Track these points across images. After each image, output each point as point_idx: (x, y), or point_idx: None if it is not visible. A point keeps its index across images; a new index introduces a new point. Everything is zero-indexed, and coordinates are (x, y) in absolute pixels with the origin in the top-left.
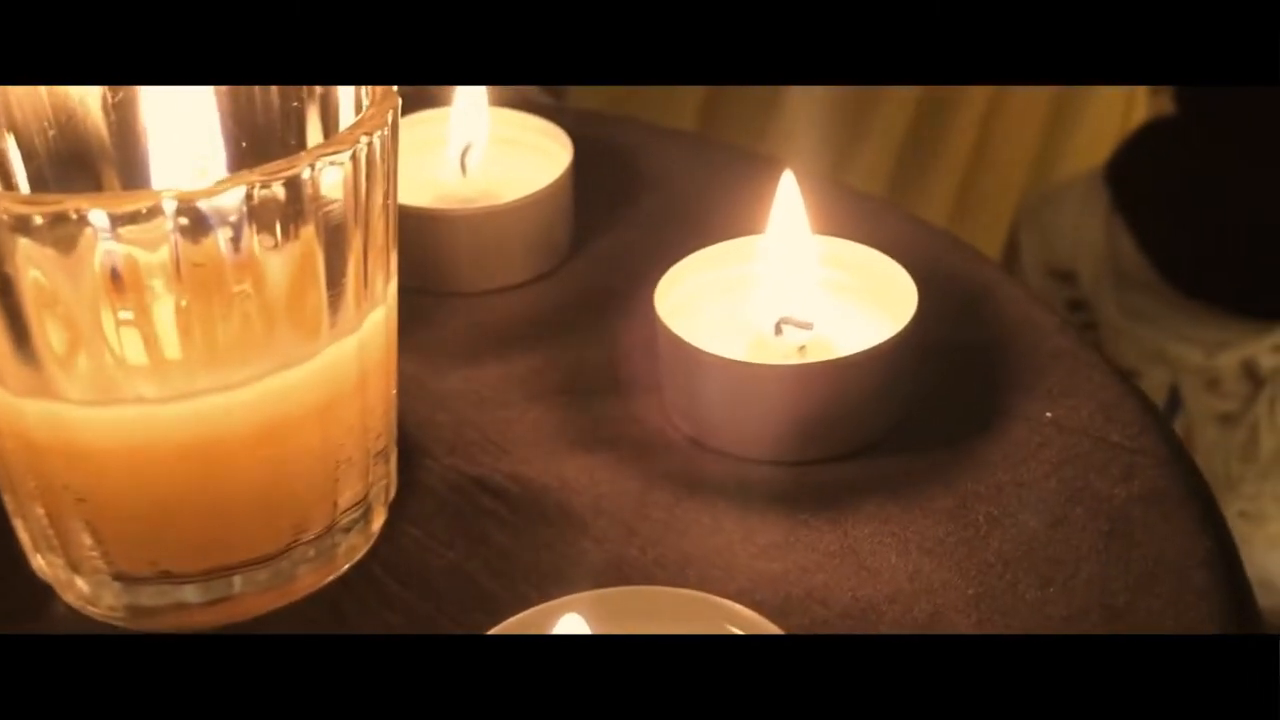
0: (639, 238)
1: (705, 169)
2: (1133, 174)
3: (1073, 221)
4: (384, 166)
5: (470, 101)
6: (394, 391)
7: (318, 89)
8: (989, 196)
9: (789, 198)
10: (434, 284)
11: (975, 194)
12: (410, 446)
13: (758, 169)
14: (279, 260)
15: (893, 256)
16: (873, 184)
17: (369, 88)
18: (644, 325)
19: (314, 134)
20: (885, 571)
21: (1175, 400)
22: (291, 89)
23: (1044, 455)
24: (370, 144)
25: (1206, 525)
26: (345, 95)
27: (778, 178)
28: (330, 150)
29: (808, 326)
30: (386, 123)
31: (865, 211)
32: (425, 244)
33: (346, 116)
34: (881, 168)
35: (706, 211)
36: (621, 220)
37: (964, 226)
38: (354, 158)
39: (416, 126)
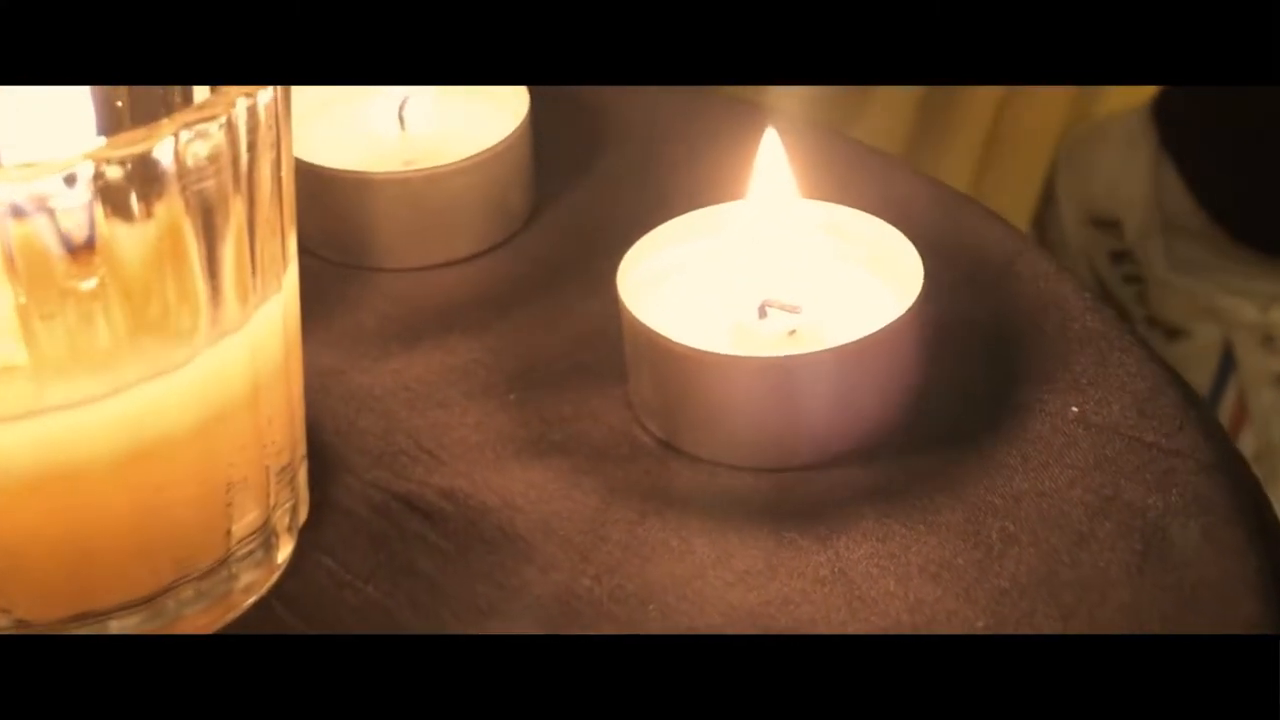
0: (606, 202)
1: (687, 120)
2: (1183, 109)
3: (1116, 164)
4: (271, 131)
5: None
6: (299, 396)
7: None
8: (1022, 136)
9: (773, 157)
10: (362, 258)
11: (1007, 133)
12: (326, 458)
13: (749, 120)
14: (138, 247)
15: (897, 222)
16: (891, 121)
17: None
18: (607, 307)
19: (201, 93)
20: (881, 601)
21: (1228, 361)
22: None
23: (1068, 458)
24: (252, 105)
25: (1257, 542)
26: None
27: (761, 124)
28: (198, 118)
29: (795, 310)
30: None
31: (867, 169)
32: (354, 213)
33: None
34: (901, 101)
35: (687, 170)
36: (588, 181)
37: (994, 170)
38: (228, 124)
39: None
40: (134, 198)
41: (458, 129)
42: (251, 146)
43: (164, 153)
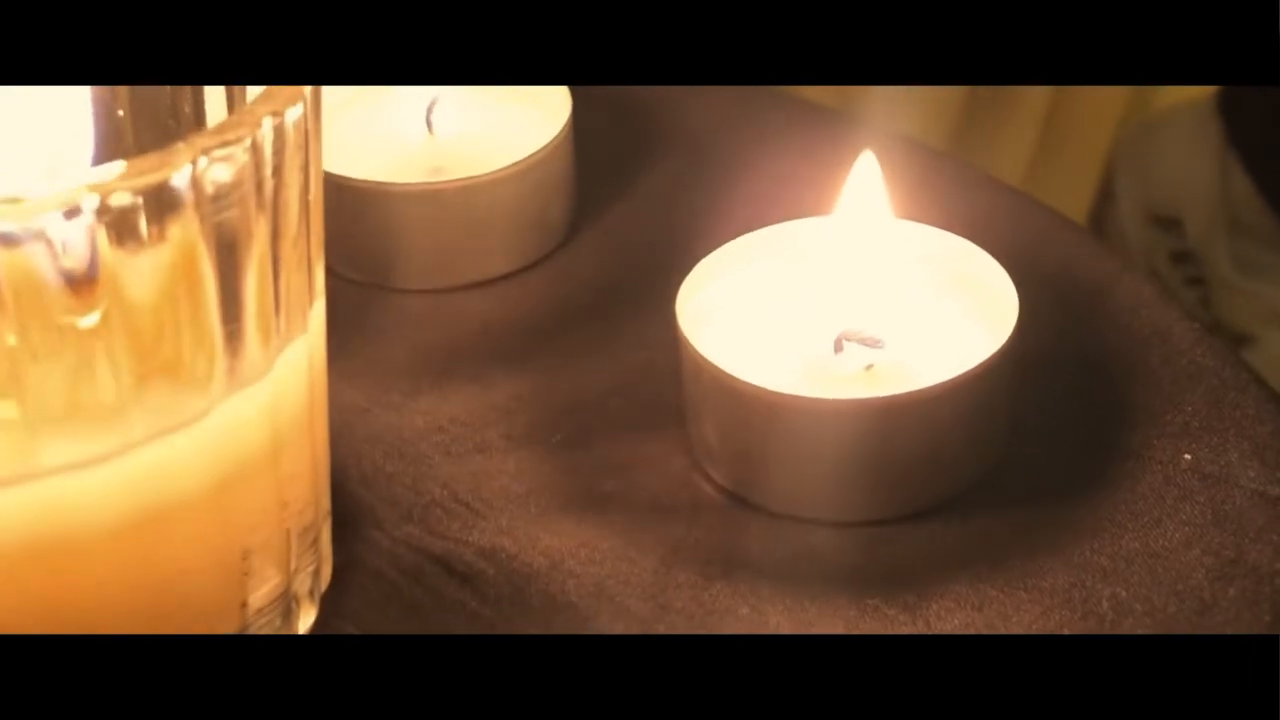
0: (656, 214)
1: (743, 121)
2: (1250, 103)
3: (1179, 160)
4: (300, 153)
5: None
6: (325, 446)
7: None
8: (1077, 130)
9: (869, 179)
10: (386, 277)
11: (1061, 127)
12: (351, 512)
13: (807, 120)
14: (147, 280)
15: (975, 240)
16: (937, 114)
17: None
18: (662, 333)
19: (214, 98)
20: None
21: None
22: None
23: (1183, 514)
24: (279, 124)
25: None
26: None
27: (831, 130)
28: (219, 141)
29: (876, 344)
30: (303, 94)
31: (935, 175)
32: (377, 228)
33: None
34: (948, 93)
35: (745, 178)
36: (636, 191)
37: (1047, 167)
38: (253, 146)
39: None
40: (143, 224)
41: (491, 133)
42: (278, 170)
43: (180, 180)
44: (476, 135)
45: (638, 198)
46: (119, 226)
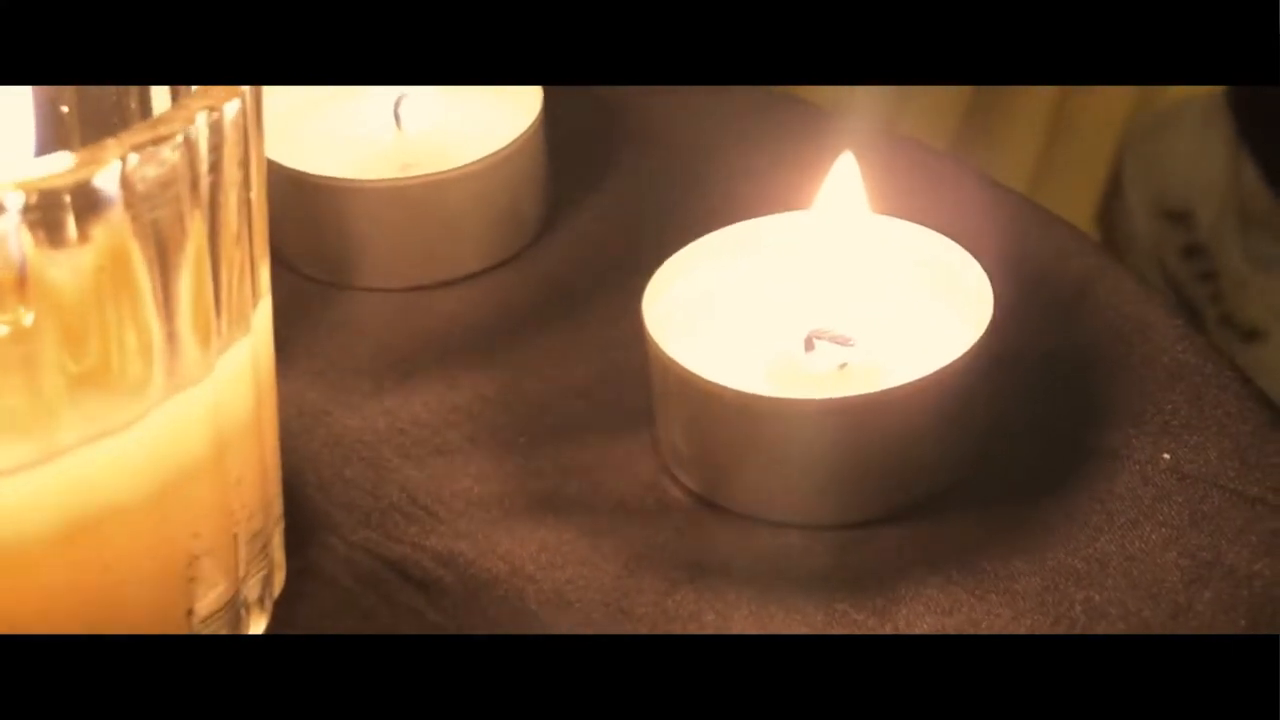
0: (630, 210)
1: (724, 117)
2: (1261, 95)
3: (1189, 151)
4: (239, 148)
5: None
6: (274, 449)
7: None
8: (1086, 122)
9: (847, 178)
10: (352, 276)
11: (1069, 119)
12: (306, 516)
13: (787, 115)
14: (77, 282)
15: (957, 234)
16: (942, 105)
17: None
18: (633, 333)
19: (161, 94)
20: None
21: None
22: None
23: (1160, 515)
24: (216, 119)
25: None
26: None
27: (813, 126)
28: (150, 138)
29: (847, 342)
30: (241, 90)
31: (920, 170)
32: (343, 225)
33: None
34: (953, 91)
35: (721, 174)
36: (611, 186)
37: (1055, 160)
38: (186, 143)
39: None
40: (71, 223)
41: (461, 128)
42: (215, 167)
43: (109, 178)
44: (446, 130)
45: (612, 193)
46: (46, 225)
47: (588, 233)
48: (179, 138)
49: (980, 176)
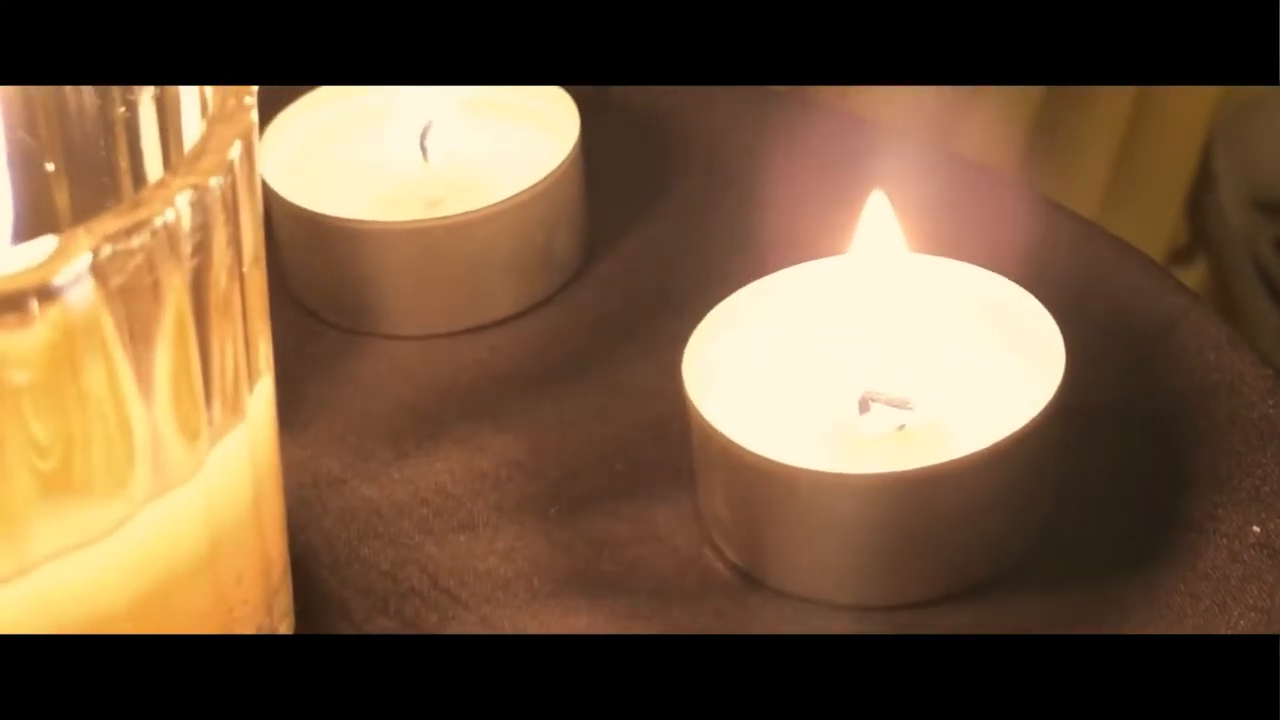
0: (677, 245)
1: (769, 136)
2: None
3: None
4: (228, 227)
5: None
6: (279, 538)
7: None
8: (1171, 106)
9: (880, 220)
10: (372, 322)
11: (1154, 103)
12: (318, 600)
13: (846, 134)
14: (45, 384)
15: (1025, 271)
16: (1015, 103)
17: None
18: (677, 384)
19: (150, 145)
20: None
21: None
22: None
23: (1250, 597)
24: (200, 197)
25: None
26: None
27: (870, 145)
28: (122, 226)
29: (905, 405)
30: (226, 161)
31: (974, 194)
32: (365, 270)
33: (190, 117)
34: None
35: (775, 200)
36: (653, 217)
37: (1140, 148)
38: (166, 227)
39: (352, 95)
40: (38, 317)
41: (492, 158)
42: (200, 247)
43: (78, 270)
44: (476, 161)
45: (654, 225)
46: (10, 320)
47: (627, 270)
48: (158, 221)
49: (1041, 200)
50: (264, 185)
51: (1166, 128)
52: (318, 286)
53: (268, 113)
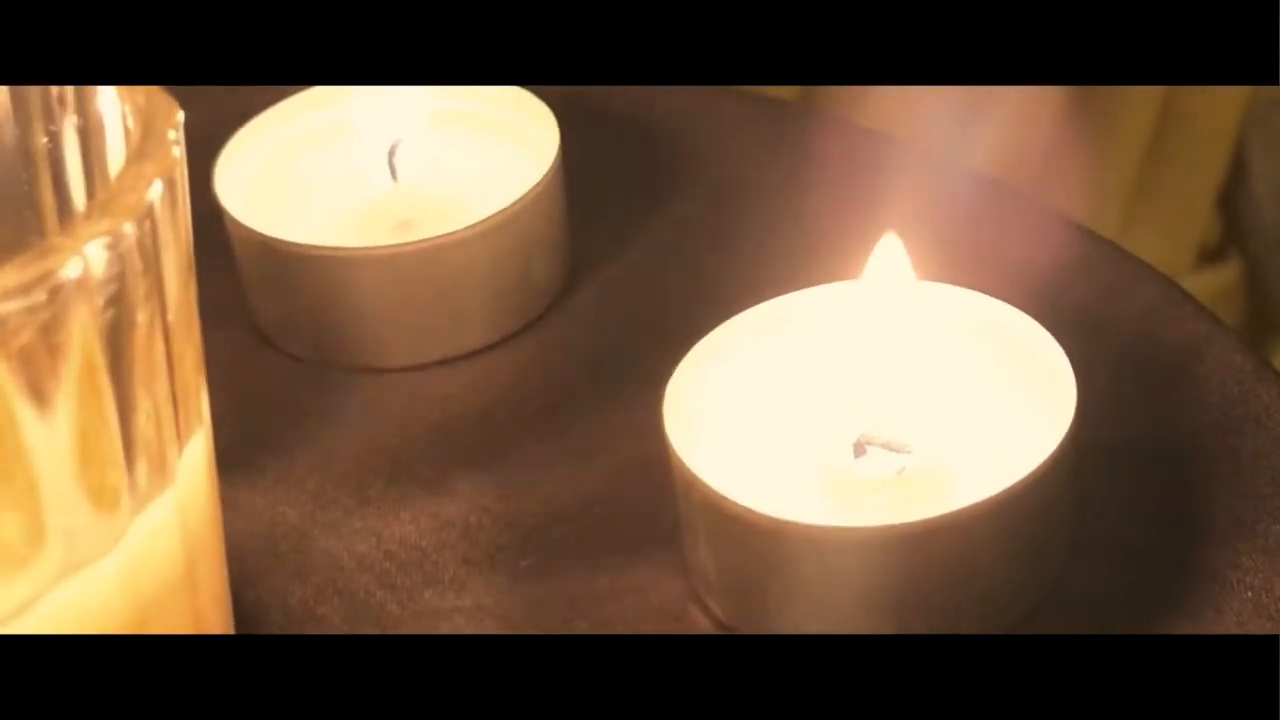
0: (665, 269)
1: (764, 147)
2: None
3: None
4: (149, 277)
5: None
6: (221, 605)
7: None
8: (1202, 98)
9: (890, 256)
10: (340, 356)
11: (1184, 96)
12: None
13: (851, 144)
14: None
15: (1035, 293)
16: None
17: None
18: (658, 428)
19: (75, 179)
20: None
21: None
22: (40, 110)
23: None
24: (117, 247)
25: None
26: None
27: (879, 157)
28: (24, 281)
29: (903, 449)
30: (144, 204)
31: (992, 212)
32: (329, 299)
33: (116, 149)
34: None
35: (771, 217)
36: (639, 239)
37: (1171, 139)
38: (72, 282)
39: (316, 109)
40: None
41: (465, 177)
42: (118, 297)
43: None
44: (448, 179)
45: (640, 247)
46: None
47: (611, 297)
48: (65, 274)
49: (1055, 215)
50: (221, 209)
51: (1198, 121)
52: (278, 316)
53: (226, 129)
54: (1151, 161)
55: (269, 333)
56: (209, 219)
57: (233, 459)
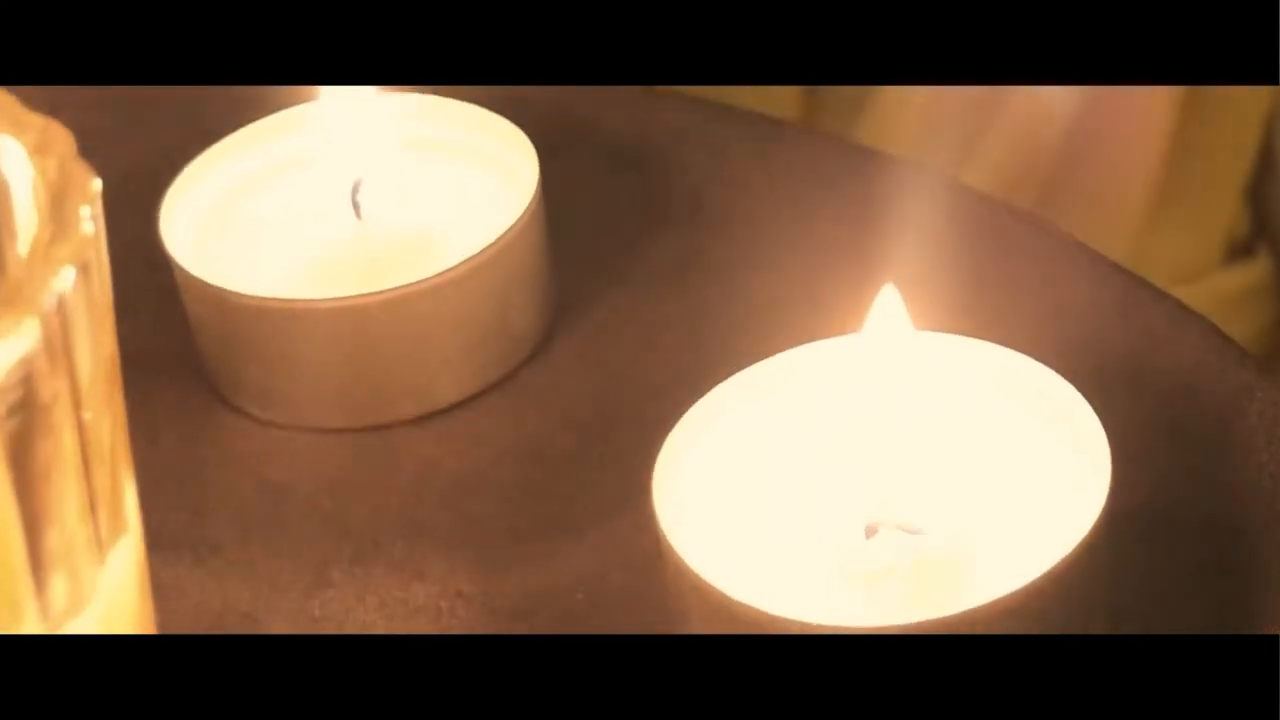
0: (657, 315)
1: (764, 175)
2: None
3: None
4: (58, 376)
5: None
6: None
7: None
8: (1229, 88)
9: (890, 312)
10: (301, 416)
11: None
12: None
13: (857, 171)
14: None
15: (1062, 339)
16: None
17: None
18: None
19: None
20: None
21: None
22: None
23: None
24: (22, 343)
25: None
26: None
27: (886, 183)
28: None
29: (918, 532)
30: (54, 290)
31: (1015, 248)
32: (287, 354)
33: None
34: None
35: (774, 255)
36: (629, 280)
37: (1195, 131)
38: None
39: (270, 139)
40: None
41: (436, 213)
42: (23, 404)
43: None
44: (417, 216)
45: (628, 291)
46: None
47: (596, 347)
48: None
49: (1080, 250)
50: (168, 256)
51: (1223, 111)
52: (232, 373)
53: (174, 164)
54: (1176, 153)
55: (222, 390)
56: (159, 262)
57: (177, 535)
